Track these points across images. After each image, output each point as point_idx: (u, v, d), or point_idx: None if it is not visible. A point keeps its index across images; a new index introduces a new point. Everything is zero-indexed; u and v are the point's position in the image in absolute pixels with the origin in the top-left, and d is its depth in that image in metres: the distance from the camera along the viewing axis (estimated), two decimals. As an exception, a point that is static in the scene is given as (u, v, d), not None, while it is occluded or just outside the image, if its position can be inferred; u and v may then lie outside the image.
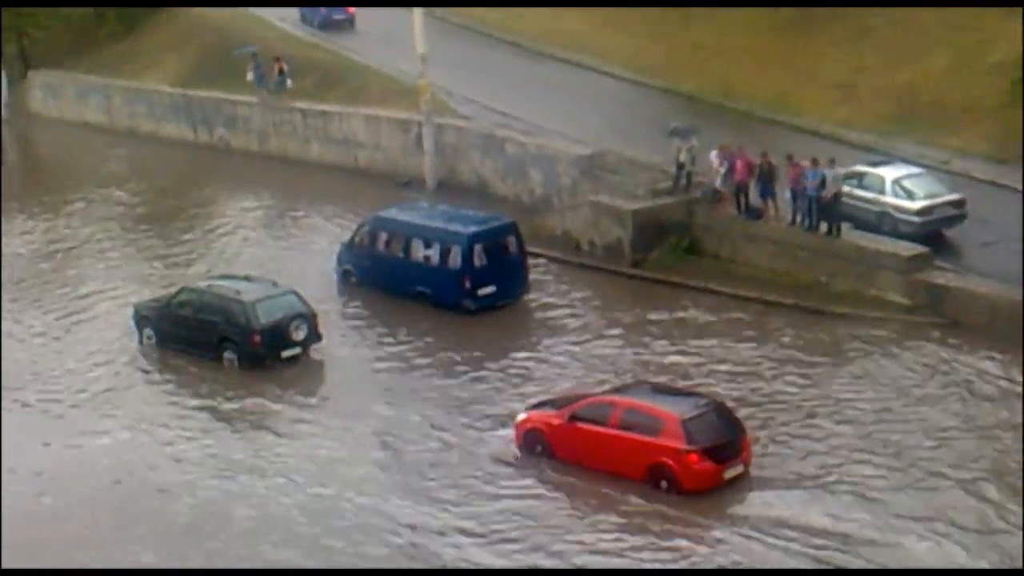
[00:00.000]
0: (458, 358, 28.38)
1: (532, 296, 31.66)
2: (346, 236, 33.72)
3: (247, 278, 30.46)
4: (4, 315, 32.03)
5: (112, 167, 46.20)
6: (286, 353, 28.21)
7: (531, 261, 32.36)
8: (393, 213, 32.87)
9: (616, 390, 24.38)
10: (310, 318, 28.67)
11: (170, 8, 54.93)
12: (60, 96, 53.72)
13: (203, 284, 30.17)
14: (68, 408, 27.21)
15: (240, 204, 40.92)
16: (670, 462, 21.93)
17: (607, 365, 27.45)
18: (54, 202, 42.22)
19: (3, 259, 36.17)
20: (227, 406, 26.72)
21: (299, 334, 28.33)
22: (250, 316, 27.94)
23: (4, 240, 37.70)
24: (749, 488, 22.23)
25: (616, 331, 29.35)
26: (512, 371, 27.55)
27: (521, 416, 24.23)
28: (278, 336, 28.10)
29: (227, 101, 46.80)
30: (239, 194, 42.01)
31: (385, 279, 31.92)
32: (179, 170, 45.74)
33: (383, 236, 32.13)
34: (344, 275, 33.06)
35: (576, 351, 28.43)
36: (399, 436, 24.90)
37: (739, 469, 22.41)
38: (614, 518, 21.62)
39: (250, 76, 45.33)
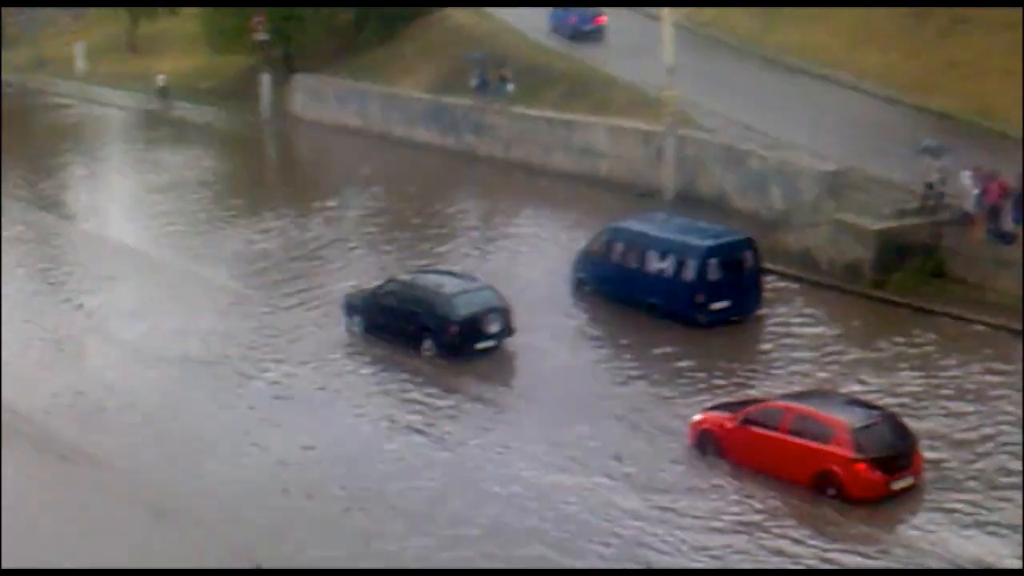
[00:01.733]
0: (679, 368, 28.31)
1: (765, 313, 31.23)
2: (582, 245, 34.05)
3: (451, 273, 31.77)
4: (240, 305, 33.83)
5: (365, 170, 47.86)
6: (480, 345, 29.30)
7: (767, 278, 31.93)
8: (630, 223, 32.94)
9: (791, 396, 24.62)
10: (505, 313, 29.65)
11: (428, 16, 56.62)
12: (320, 100, 55.90)
13: (408, 276, 31.37)
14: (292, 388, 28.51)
15: (481, 209, 41.77)
16: (838, 470, 22.19)
17: (833, 387, 26.84)
18: (308, 202, 43.95)
19: (252, 254, 38.07)
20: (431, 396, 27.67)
21: (493, 327, 29.38)
22: (449, 308, 29.21)
23: (255, 235, 39.64)
24: (918, 501, 22.09)
25: (850, 353, 28.61)
26: (735, 386, 27.27)
27: (697, 417, 24.77)
28: (474, 328, 29.13)
29: (475, 108, 47.86)
30: (481, 199, 42.89)
31: (618, 288, 32.06)
32: (427, 174, 46.99)
33: (619, 246, 32.26)
34: (578, 283, 33.36)
35: (805, 370, 27.89)
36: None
37: (908, 481, 22.42)
38: (788, 521, 21.74)
39: (474, 82, 47.00)
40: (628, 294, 31.74)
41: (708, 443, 24.21)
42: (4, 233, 41.73)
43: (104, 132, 59.73)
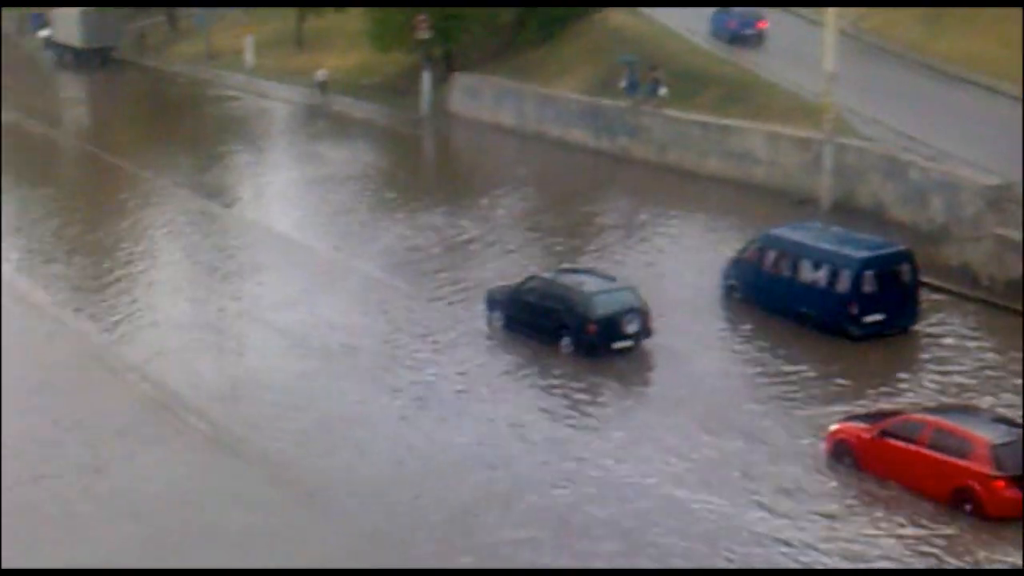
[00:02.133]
0: (825, 379, 27.95)
1: (921, 327, 30.54)
2: (734, 251, 33.75)
3: (592, 272, 31.99)
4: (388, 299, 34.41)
5: (519, 170, 48.20)
6: (617, 344, 29.49)
7: (923, 292, 31.22)
8: (784, 231, 32.54)
9: (931, 410, 24.26)
10: (644, 314, 29.75)
11: (588, 18, 56.72)
12: (478, 98, 56.42)
13: (549, 274, 31.80)
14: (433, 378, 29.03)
15: (632, 211, 41.66)
16: (976, 486, 21.82)
17: (982, 405, 26.09)
18: (461, 199, 44.46)
19: (404, 248, 38.71)
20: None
21: (631, 327, 29.49)
22: (588, 307, 29.52)
23: (408, 230, 40.26)
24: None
25: (1005, 371, 27.84)
26: (881, 399, 26.77)
27: (833, 427, 24.52)
28: (612, 328, 29.30)
29: (630, 111, 47.77)
30: (632, 201, 42.76)
31: (769, 297, 31.71)
32: (579, 175, 47.11)
33: (771, 254, 31.88)
34: (728, 289, 33.10)
35: (956, 386, 27.26)
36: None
37: (1050, 502, 21.79)
38: (912, 531, 21.53)
39: (623, 83, 47.28)
40: (779, 303, 31.36)
41: (844, 454, 24.01)
42: (169, 220, 43.25)
43: (268, 124, 61.26)
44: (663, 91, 46.46)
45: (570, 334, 29.75)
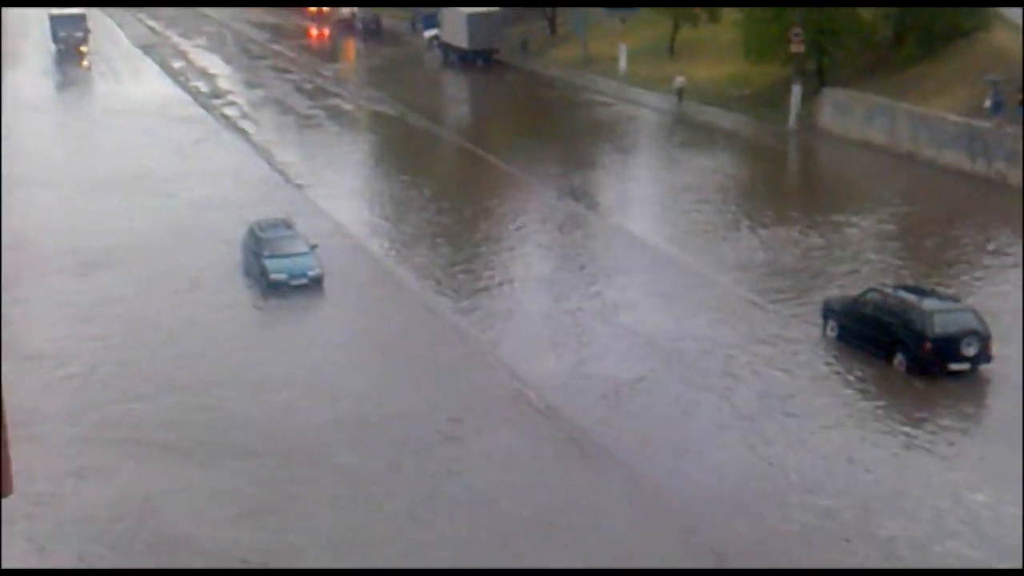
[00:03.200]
0: None
1: None
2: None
3: (933, 292, 31.53)
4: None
5: (882, 188, 47.08)
6: (954, 366, 28.75)
7: None
8: None
9: None
10: (985, 338, 28.89)
11: (969, 37, 54.73)
12: (847, 115, 55.46)
13: (889, 288, 31.49)
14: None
15: (1000, 239, 39.96)
16: None
17: None
18: (820, 214, 43.93)
19: (756, 260, 38.69)
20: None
21: (970, 350, 28.73)
22: (926, 324, 28.91)
23: (762, 242, 40.21)
24: None
25: None
26: None
27: None
28: (950, 348, 28.52)
29: (1011, 135, 45.75)
30: (1003, 230, 41.02)
31: None
32: (947, 198, 45.64)
33: None
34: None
35: None
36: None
37: None
38: None
39: (987, 103, 46.37)
40: None
41: None
42: (533, 217, 44.98)
43: (636, 130, 62.47)
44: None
45: (904, 351, 29.24)
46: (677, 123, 62.28)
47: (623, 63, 71.94)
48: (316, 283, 36.39)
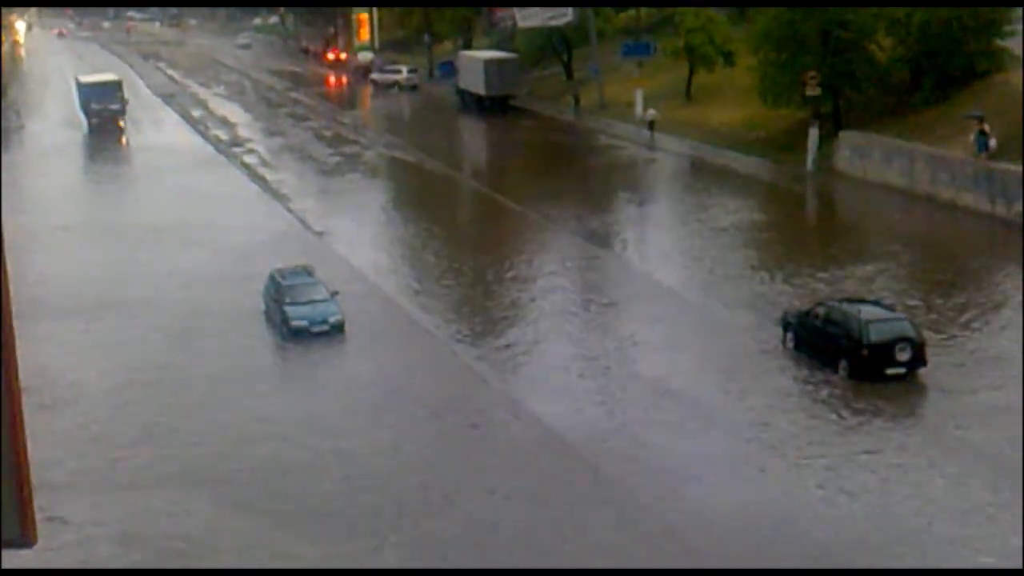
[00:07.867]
0: None
1: None
2: None
3: (876, 303, 33.97)
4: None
5: (901, 232, 47.03)
6: (890, 371, 31.01)
7: None
8: None
9: None
10: (919, 344, 31.25)
11: (987, 80, 54.87)
12: (864, 157, 55.50)
13: (835, 301, 33.87)
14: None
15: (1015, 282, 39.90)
16: None
17: None
18: (834, 257, 43.88)
19: (769, 304, 38.63)
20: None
21: (903, 356, 30.92)
22: (863, 332, 31.29)
23: (775, 285, 40.23)
24: None
25: None
26: None
27: None
28: (885, 354, 30.75)
29: (1026, 176, 45.77)
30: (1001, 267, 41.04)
31: None
32: (968, 241, 45.59)
33: None
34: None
35: None
36: None
37: None
38: None
39: (971, 138, 47.80)
40: None
41: None
42: (550, 259, 45.07)
43: (653, 174, 62.70)
44: (992, 143, 46.61)
45: (846, 357, 31.43)
46: (695, 167, 62.41)
47: (639, 108, 72.30)
48: (337, 329, 36.49)
